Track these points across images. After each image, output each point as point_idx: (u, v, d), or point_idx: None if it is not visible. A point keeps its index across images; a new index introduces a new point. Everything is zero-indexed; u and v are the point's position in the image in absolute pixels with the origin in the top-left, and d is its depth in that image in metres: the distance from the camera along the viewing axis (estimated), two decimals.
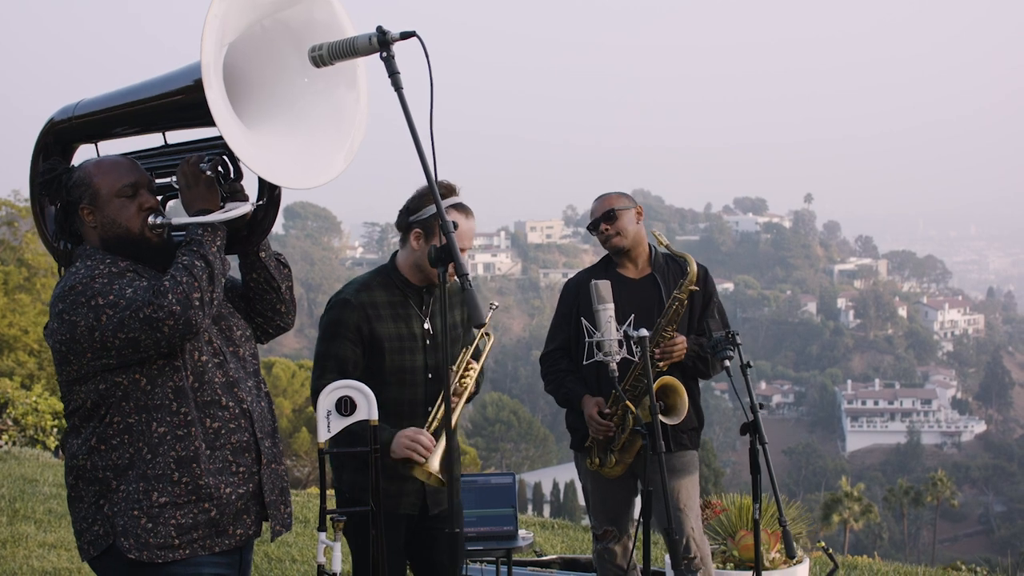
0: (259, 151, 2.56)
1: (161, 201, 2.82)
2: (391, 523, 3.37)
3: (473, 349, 3.62)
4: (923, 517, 58.01)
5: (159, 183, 2.83)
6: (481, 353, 3.66)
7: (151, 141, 2.91)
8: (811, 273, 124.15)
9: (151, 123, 2.84)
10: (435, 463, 3.36)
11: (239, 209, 2.68)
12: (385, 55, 2.46)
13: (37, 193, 2.94)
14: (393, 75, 2.46)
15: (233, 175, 2.72)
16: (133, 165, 2.75)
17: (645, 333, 3.74)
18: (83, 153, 2.96)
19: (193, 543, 2.64)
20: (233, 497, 2.69)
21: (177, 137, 2.86)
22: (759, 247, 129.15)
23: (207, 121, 2.52)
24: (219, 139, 2.63)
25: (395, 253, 3.69)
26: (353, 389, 3.07)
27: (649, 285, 4.25)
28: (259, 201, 2.76)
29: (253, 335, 2.92)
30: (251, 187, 2.76)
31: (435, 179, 2.49)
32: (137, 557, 2.59)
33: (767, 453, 3.69)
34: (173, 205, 2.82)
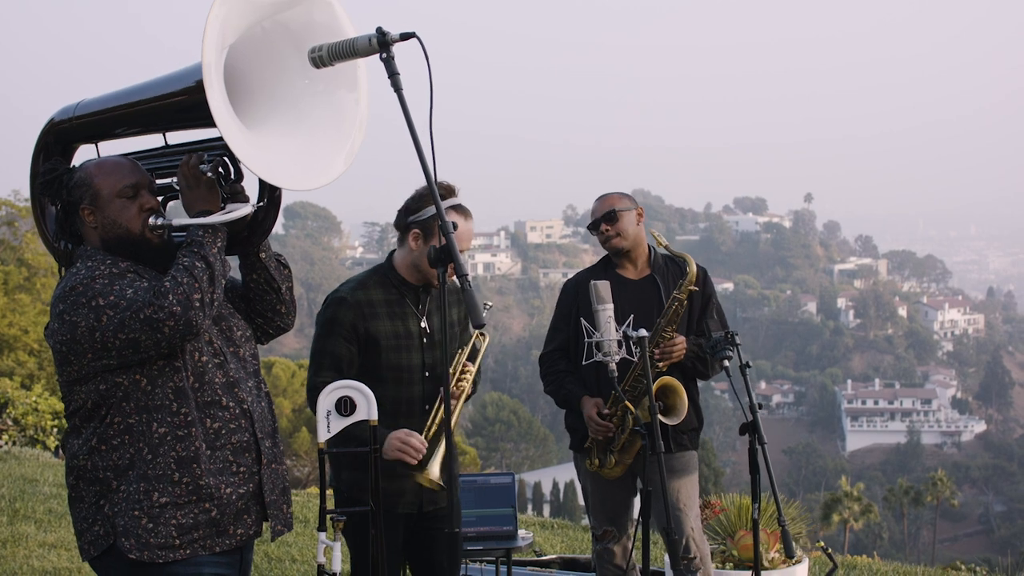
0: (259, 152, 2.57)
1: (162, 202, 2.82)
2: (390, 522, 3.38)
3: (469, 350, 3.63)
4: (923, 517, 58.01)
5: (160, 184, 2.84)
6: (477, 354, 3.66)
7: (151, 142, 2.91)
8: (811, 273, 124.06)
9: (152, 124, 2.84)
10: (435, 469, 3.36)
11: (240, 210, 2.68)
12: (385, 56, 2.47)
13: (38, 193, 2.94)
14: (393, 76, 2.46)
15: (234, 176, 2.73)
16: (134, 166, 2.75)
17: (644, 333, 3.74)
18: (83, 153, 2.96)
19: (194, 543, 2.64)
20: (234, 497, 2.70)
21: (177, 138, 2.86)
22: (759, 247, 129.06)
23: (208, 122, 2.52)
24: (219, 140, 2.64)
25: (392, 252, 3.69)
26: (353, 389, 3.07)
27: (648, 286, 4.26)
28: (259, 202, 2.76)
29: (253, 335, 2.92)
30: (251, 188, 2.77)
31: (435, 180, 2.50)
32: (138, 557, 2.59)
33: (766, 453, 3.70)
34: (174, 206, 2.83)
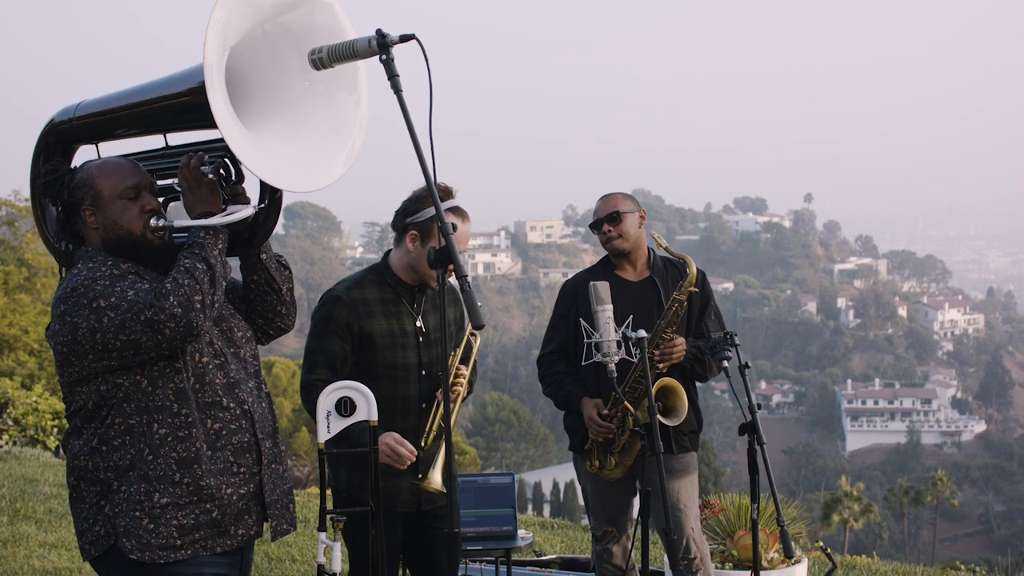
0: (260, 154, 2.57)
1: (163, 203, 2.83)
2: (389, 522, 3.39)
3: (463, 350, 3.64)
4: (923, 517, 57.99)
5: (160, 185, 2.84)
6: (471, 354, 3.67)
7: (152, 143, 2.92)
8: (811, 273, 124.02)
9: (152, 125, 2.84)
10: (437, 477, 3.38)
11: (241, 212, 2.69)
12: (385, 58, 2.48)
13: (38, 194, 2.95)
14: (392, 78, 2.48)
15: (235, 178, 2.73)
16: (135, 167, 2.76)
17: (644, 334, 3.75)
18: (84, 154, 2.96)
19: (195, 543, 2.65)
20: (234, 498, 2.70)
21: (178, 139, 2.87)
22: (759, 247, 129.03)
23: (209, 123, 2.53)
24: (220, 141, 2.64)
25: (387, 252, 3.70)
26: (352, 389, 3.07)
27: (647, 288, 4.26)
28: (260, 204, 2.77)
29: (254, 336, 2.93)
30: (252, 190, 2.78)
31: (434, 182, 2.50)
32: (139, 558, 2.60)
33: (765, 453, 3.71)
34: (175, 207, 2.83)
